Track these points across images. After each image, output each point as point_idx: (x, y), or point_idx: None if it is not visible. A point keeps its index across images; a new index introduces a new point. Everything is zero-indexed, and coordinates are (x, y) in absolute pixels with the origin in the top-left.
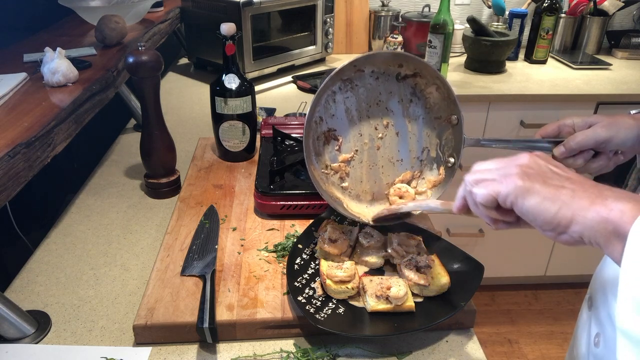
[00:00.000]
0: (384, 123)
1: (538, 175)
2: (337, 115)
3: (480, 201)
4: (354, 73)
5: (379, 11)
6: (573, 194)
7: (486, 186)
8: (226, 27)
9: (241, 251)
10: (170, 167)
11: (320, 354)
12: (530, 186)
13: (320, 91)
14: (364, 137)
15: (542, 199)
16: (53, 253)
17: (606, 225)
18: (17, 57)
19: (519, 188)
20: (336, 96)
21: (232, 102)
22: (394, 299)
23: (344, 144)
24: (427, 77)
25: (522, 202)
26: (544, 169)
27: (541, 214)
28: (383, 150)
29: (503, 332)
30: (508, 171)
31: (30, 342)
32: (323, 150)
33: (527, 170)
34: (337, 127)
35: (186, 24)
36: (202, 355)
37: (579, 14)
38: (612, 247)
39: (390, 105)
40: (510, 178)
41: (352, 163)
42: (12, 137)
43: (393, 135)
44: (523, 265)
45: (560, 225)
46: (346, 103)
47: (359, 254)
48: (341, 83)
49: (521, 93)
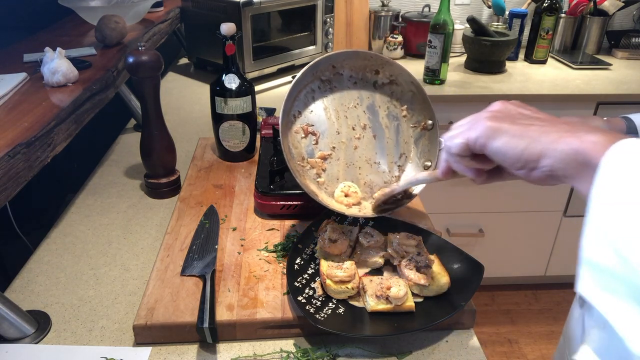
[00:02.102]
0: (361, 124)
1: (507, 117)
2: (316, 112)
3: (455, 151)
4: (332, 75)
5: (379, 11)
6: (542, 129)
7: (458, 135)
8: (226, 27)
9: (241, 251)
10: (170, 167)
11: (320, 354)
12: (498, 126)
13: (297, 84)
14: (342, 136)
15: (510, 137)
16: (53, 253)
17: (577, 156)
18: (17, 57)
19: (487, 129)
20: (315, 94)
21: (232, 102)
22: (394, 299)
23: (321, 139)
24: (402, 85)
25: (492, 143)
26: (514, 112)
27: (510, 151)
28: (360, 151)
29: (503, 332)
30: (478, 117)
31: (30, 342)
32: (300, 144)
33: (496, 114)
34: (315, 123)
35: (186, 24)
36: (202, 355)
37: (579, 14)
38: (582, 179)
39: (368, 109)
40: (479, 123)
41: (329, 160)
42: (12, 137)
43: (370, 137)
44: (523, 265)
45: (529, 161)
46: (325, 102)
47: (359, 254)
48: (320, 83)
49: (521, 93)
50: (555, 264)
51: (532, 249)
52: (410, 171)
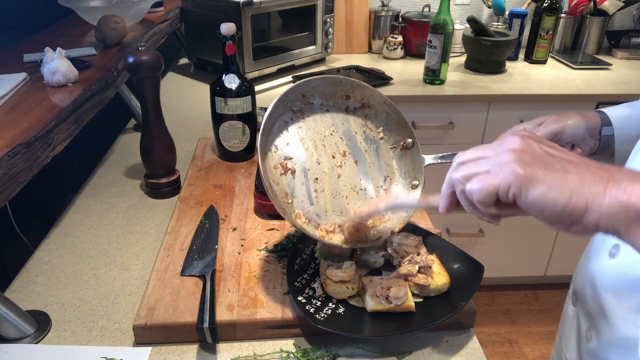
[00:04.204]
0: (340, 152)
1: (536, 160)
2: (292, 144)
3: (479, 199)
4: (303, 105)
5: (379, 11)
6: (581, 178)
7: (481, 181)
8: (226, 27)
9: (241, 251)
10: (170, 167)
11: (320, 354)
12: (532, 174)
13: (268, 119)
14: (323, 166)
15: (548, 188)
16: (53, 253)
17: (627, 210)
18: (17, 57)
19: (520, 178)
20: (288, 126)
21: (232, 102)
22: (394, 299)
23: (303, 173)
24: (375, 107)
25: (527, 194)
26: (540, 152)
27: (549, 205)
28: (344, 179)
29: (503, 332)
30: (501, 159)
31: (30, 342)
32: (281, 180)
33: (522, 156)
34: (293, 155)
35: (186, 24)
36: (202, 355)
37: (579, 14)
38: (634, 233)
39: (344, 135)
40: (506, 167)
41: (315, 193)
42: (12, 137)
43: (352, 164)
44: (523, 265)
45: (572, 216)
46: (299, 133)
47: (359, 254)
48: (292, 114)
49: (521, 93)
50: (555, 264)
51: (532, 249)
52: (396, 192)
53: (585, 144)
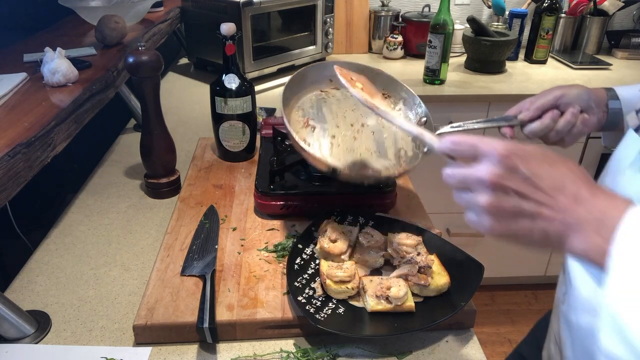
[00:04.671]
0: (359, 123)
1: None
2: (315, 111)
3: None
4: (330, 89)
5: (379, 11)
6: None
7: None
8: (226, 27)
9: (241, 251)
10: (170, 167)
11: (320, 354)
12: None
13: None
14: (341, 129)
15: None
16: (53, 253)
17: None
18: (17, 57)
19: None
20: (314, 99)
21: (232, 102)
22: (394, 299)
23: (321, 131)
24: (394, 95)
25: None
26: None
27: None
28: (359, 142)
29: (503, 332)
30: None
31: (30, 342)
32: (301, 130)
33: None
34: (316, 117)
35: (186, 24)
36: (202, 355)
37: (579, 14)
38: None
39: (365, 113)
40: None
41: (331, 145)
42: (12, 137)
43: (369, 133)
44: (523, 265)
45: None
46: (325, 104)
47: (359, 254)
48: (319, 92)
49: (521, 93)
50: (555, 264)
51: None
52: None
53: (592, 114)
